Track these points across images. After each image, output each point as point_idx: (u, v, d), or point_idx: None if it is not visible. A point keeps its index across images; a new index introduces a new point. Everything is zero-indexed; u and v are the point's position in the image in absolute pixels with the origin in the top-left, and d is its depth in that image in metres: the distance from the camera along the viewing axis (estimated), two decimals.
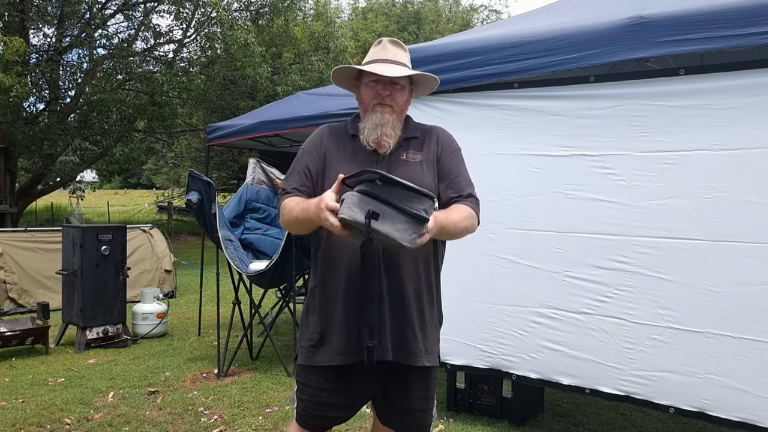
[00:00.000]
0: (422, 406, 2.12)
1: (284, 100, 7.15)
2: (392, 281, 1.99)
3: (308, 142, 2.17)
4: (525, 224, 3.40)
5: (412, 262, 2.02)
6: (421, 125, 2.21)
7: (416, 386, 2.09)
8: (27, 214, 16.79)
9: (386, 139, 2.03)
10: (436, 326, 2.14)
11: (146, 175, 43.99)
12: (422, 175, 2.05)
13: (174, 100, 13.49)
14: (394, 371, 2.04)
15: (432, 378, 2.14)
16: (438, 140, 2.16)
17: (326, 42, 15.18)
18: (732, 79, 2.82)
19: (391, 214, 1.70)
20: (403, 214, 1.70)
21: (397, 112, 2.08)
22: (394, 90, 2.06)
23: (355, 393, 2.10)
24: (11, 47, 9.99)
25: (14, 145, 12.90)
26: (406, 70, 2.07)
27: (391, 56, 2.08)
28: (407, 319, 2.01)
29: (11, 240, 7.62)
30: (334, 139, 2.13)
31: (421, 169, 2.07)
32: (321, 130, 2.19)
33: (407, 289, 2.01)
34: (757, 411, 2.77)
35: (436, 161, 2.11)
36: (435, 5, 24.91)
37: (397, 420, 2.14)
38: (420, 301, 2.04)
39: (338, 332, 2.01)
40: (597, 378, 3.19)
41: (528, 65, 3.30)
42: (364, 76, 2.08)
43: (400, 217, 1.71)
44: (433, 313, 2.10)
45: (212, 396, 4.34)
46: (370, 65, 2.07)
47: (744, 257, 2.78)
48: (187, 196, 4.80)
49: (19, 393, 4.47)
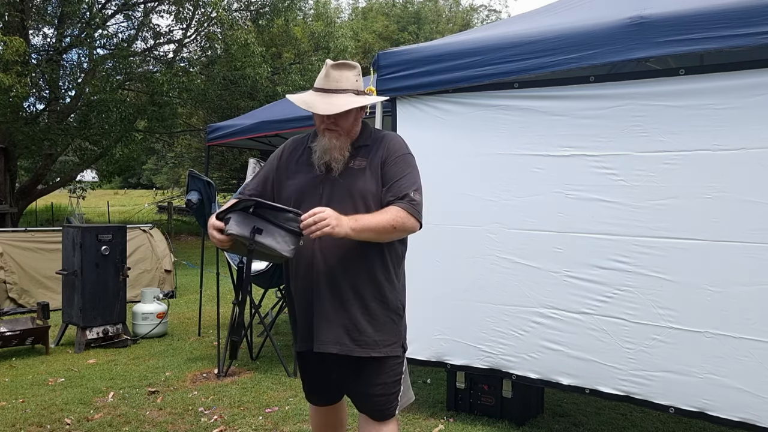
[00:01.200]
0: (380, 391, 2.30)
1: (284, 100, 7.15)
2: (332, 281, 2.19)
3: (275, 152, 2.44)
4: (525, 224, 3.40)
5: (352, 262, 2.20)
6: (377, 133, 2.36)
7: (371, 374, 2.28)
8: (27, 214, 16.79)
9: (334, 164, 2.23)
10: (391, 319, 2.28)
11: (146, 175, 43.97)
12: (364, 182, 2.22)
13: (174, 100, 13.49)
14: (345, 360, 2.26)
15: (389, 366, 2.30)
16: (386, 147, 2.28)
17: (326, 42, 15.19)
18: (732, 79, 2.82)
19: (272, 229, 2.01)
20: (282, 229, 2.01)
21: (344, 134, 2.24)
22: (338, 117, 2.21)
23: (317, 378, 2.43)
24: (11, 47, 9.99)
25: (14, 145, 12.90)
26: (341, 103, 2.19)
27: (333, 84, 2.22)
28: (349, 314, 2.20)
29: (11, 240, 7.62)
30: (292, 151, 2.37)
31: (363, 175, 2.23)
32: (286, 142, 2.45)
33: (346, 287, 2.20)
34: (757, 411, 2.77)
35: (380, 167, 2.24)
36: (435, 5, 24.91)
37: (360, 404, 2.36)
38: (362, 298, 2.21)
39: (296, 325, 2.35)
40: (597, 378, 3.19)
41: (528, 65, 3.30)
42: None
43: (279, 231, 2.01)
44: (385, 306, 2.25)
45: (212, 396, 4.34)
46: (307, 99, 2.23)
47: (744, 257, 2.78)
48: (187, 196, 4.80)
49: (19, 393, 4.47)
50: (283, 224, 2.02)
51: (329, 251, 2.18)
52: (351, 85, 2.24)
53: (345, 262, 2.20)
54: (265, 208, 2.03)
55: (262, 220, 2.02)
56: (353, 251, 2.17)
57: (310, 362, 2.39)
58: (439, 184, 3.67)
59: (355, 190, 2.20)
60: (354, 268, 2.21)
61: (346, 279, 2.20)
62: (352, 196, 2.20)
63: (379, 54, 3.90)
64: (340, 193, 2.20)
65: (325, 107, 2.18)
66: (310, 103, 2.22)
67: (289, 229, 2.02)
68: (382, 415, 2.34)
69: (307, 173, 2.28)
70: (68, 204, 21.17)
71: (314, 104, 2.20)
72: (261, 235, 2.00)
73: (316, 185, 2.24)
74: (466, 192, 3.59)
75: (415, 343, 3.75)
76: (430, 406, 4.06)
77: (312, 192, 2.23)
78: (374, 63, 3.90)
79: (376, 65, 3.87)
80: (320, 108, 2.18)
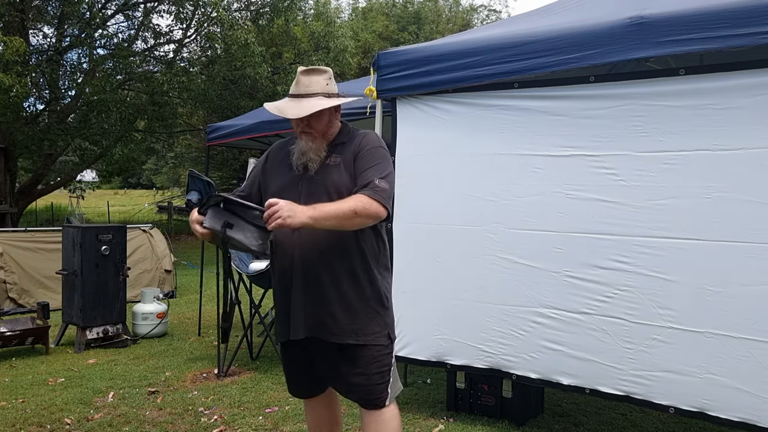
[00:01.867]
0: (362, 380, 2.36)
1: None
2: (310, 272, 2.30)
3: (262, 156, 2.58)
4: (525, 224, 3.39)
5: (329, 254, 2.30)
6: (354, 131, 2.45)
7: (351, 363, 2.35)
8: (27, 214, 16.79)
9: (311, 165, 2.35)
10: (371, 308, 2.36)
11: (146, 175, 43.95)
12: (339, 176, 2.33)
13: (174, 100, 13.49)
14: (327, 349, 2.36)
15: (371, 355, 2.36)
16: (358, 142, 2.38)
17: (326, 42, 15.18)
18: (732, 79, 2.82)
19: (242, 225, 2.15)
20: (251, 225, 2.15)
21: (319, 135, 2.36)
22: (311, 119, 2.33)
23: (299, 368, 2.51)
24: (11, 47, 9.98)
25: (14, 145, 12.90)
26: (309, 106, 2.30)
27: (303, 89, 2.35)
28: (326, 303, 2.30)
29: (11, 240, 7.62)
30: (277, 155, 2.50)
31: (338, 170, 2.33)
32: (272, 146, 2.58)
33: (323, 277, 2.30)
34: (757, 411, 2.77)
35: (352, 161, 2.35)
36: (435, 5, 24.87)
37: (347, 393, 2.44)
38: (339, 288, 2.31)
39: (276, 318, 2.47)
40: (597, 378, 3.19)
41: (528, 65, 3.30)
42: None
43: (249, 227, 2.15)
44: (362, 296, 2.34)
45: (212, 396, 4.34)
46: (280, 105, 2.37)
47: (744, 257, 2.78)
48: (187, 196, 4.79)
49: (19, 393, 4.47)
50: (252, 221, 2.16)
51: (307, 244, 2.29)
52: (321, 88, 2.35)
53: (322, 254, 2.30)
54: (234, 205, 2.16)
55: (234, 216, 2.17)
56: (330, 244, 2.29)
57: (293, 353, 2.48)
58: (439, 184, 3.67)
59: (330, 184, 2.31)
60: (330, 259, 2.31)
61: (324, 270, 2.30)
62: (327, 191, 2.30)
63: (379, 54, 3.90)
64: (317, 189, 2.31)
65: (295, 111, 2.30)
66: (282, 108, 2.35)
67: (258, 225, 2.15)
68: (370, 404, 2.40)
69: (288, 173, 2.40)
70: (68, 204, 21.17)
71: (285, 109, 2.34)
72: (231, 230, 2.15)
73: (295, 184, 2.36)
74: (466, 192, 3.59)
75: (415, 343, 3.75)
76: (430, 406, 4.06)
77: (292, 190, 2.33)
78: (374, 63, 3.90)
79: (376, 65, 3.87)
80: (290, 112, 2.32)
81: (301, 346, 2.41)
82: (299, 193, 2.32)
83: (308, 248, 2.30)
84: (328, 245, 2.30)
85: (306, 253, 2.30)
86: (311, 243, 2.30)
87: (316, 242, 2.29)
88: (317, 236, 2.28)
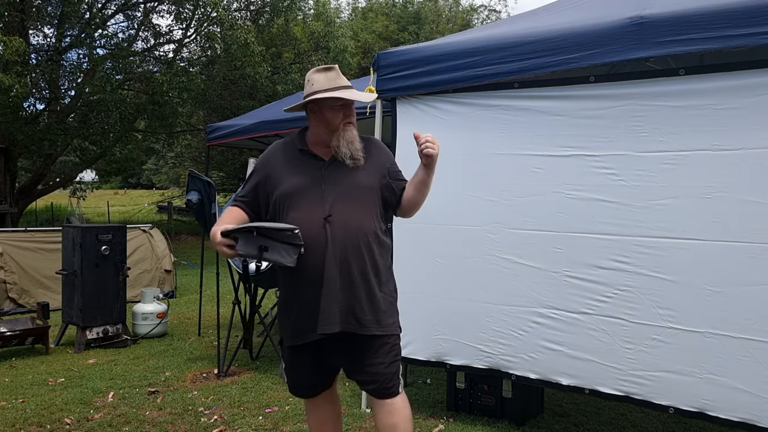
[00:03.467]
0: (382, 369, 2.45)
1: (284, 100, 7.15)
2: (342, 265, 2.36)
3: (260, 158, 2.60)
4: (525, 224, 3.40)
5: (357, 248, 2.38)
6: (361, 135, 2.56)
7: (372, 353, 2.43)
8: (27, 214, 16.79)
9: (357, 153, 2.45)
10: (389, 300, 2.49)
11: (146, 175, 43.99)
12: (365, 176, 2.46)
13: (174, 99, 13.49)
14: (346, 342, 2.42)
15: (389, 344, 2.47)
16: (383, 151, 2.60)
17: (326, 42, 15.18)
18: (732, 79, 2.82)
19: (275, 245, 2.28)
20: (284, 244, 2.28)
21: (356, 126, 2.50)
22: (351, 111, 2.48)
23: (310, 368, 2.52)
24: (11, 47, 9.98)
25: (14, 145, 12.90)
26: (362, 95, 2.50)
27: (337, 82, 2.45)
28: (355, 296, 2.38)
29: (11, 240, 7.62)
30: (282, 156, 2.53)
31: (364, 170, 2.46)
32: (271, 148, 2.60)
33: (353, 271, 2.37)
34: (757, 411, 2.77)
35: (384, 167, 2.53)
36: (435, 5, 24.86)
37: (365, 384, 2.49)
38: (366, 280, 2.40)
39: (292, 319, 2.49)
40: (597, 378, 3.19)
41: (528, 65, 3.30)
42: (327, 101, 2.43)
43: (281, 246, 2.28)
44: (384, 288, 2.46)
45: (212, 396, 4.34)
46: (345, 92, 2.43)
47: (744, 257, 2.78)
48: (187, 196, 4.80)
49: (19, 393, 4.47)
50: (284, 240, 2.27)
51: (339, 240, 2.36)
52: (347, 82, 2.48)
53: (353, 249, 2.37)
54: (267, 230, 2.27)
55: (266, 239, 2.27)
56: (359, 239, 2.38)
57: (306, 352, 2.48)
58: (439, 184, 3.65)
59: (357, 182, 2.43)
60: (360, 254, 2.39)
61: (354, 264, 2.37)
62: (352, 188, 2.42)
63: (379, 54, 3.90)
64: (341, 186, 2.41)
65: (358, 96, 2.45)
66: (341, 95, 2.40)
67: (290, 243, 2.28)
68: (386, 393, 2.46)
69: (305, 171, 2.45)
70: (68, 204, 21.17)
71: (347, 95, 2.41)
72: (267, 252, 2.27)
73: (317, 180, 2.42)
74: (466, 192, 3.59)
75: (415, 343, 3.75)
76: (430, 406, 4.06)
77: (313, 187, 2.41)
78: (374, 63, 3.90)
79: (376, 65, 3.87)
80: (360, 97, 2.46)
81: (315, 344, 2.43)
82: (321, 191, 2.40)
83: (340, 244, 2.35)
84: (357, 240, 2.38)
85: (338, 249, 2.35)
86: (342, 239, 2.36)
87: (346, 237, 2.36)
88: (348, 232, 2.37)
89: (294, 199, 2.40)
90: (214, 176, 19.20)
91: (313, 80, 2.45)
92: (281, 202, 2.43)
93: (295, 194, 2.41)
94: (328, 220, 2.35)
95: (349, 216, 2.38)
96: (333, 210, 2.36)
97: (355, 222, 2.39)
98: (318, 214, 2.36)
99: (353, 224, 2.38)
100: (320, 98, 2.42)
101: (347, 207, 2.38)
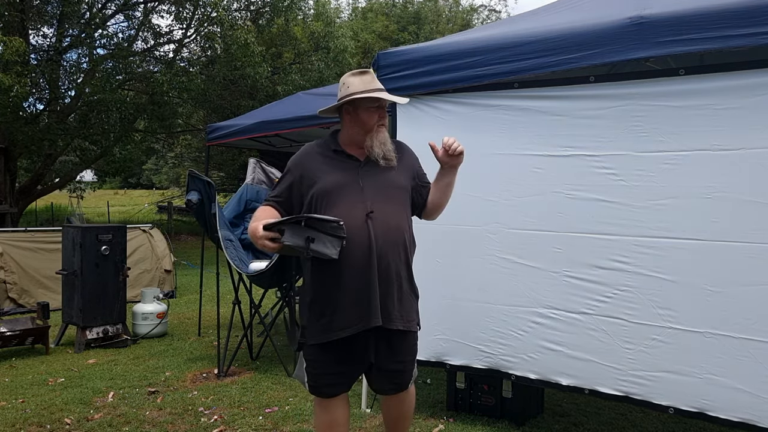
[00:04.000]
0: (408, 367, 2.63)
1: (284, 100, 7.15)
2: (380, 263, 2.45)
3: (293, 159, 2.66)
4: (525, 224, 3.40)
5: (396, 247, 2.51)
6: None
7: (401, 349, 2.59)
8: (27, 214, 16.79)
9: (390, 153, 2.56)
10: (415, 297, 2.65)
11: (146, 175, 44.01)
12: (397, 176, 2.58)
13: (174, 99, 13.49)
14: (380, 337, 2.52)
15: (413, 340, 2.66)
16: (411, 154, 2.72)
17: (326, 42, 15.17)
18: (732, 79, 2.82)
19: (321, 236, 2.34)
20: (329, 236, 2.34)
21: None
22: (384, 113, 2.59)
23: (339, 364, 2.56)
24: (11, 47, 9.98)
25: (14, 145, 12.89)
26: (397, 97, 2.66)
27: (374, 85, 2.56)
28: (390, 291, 2.49)
29: (11, 240, 7.62)
30: (314, 156, 2.61)
31: (396, 171, 2.58)
32: (304, 149, 2.68)
33: (391, 269, 2.48)
34: (757, 411, 2.77)
35: (413, 170, 2.68)
36: (435, 5, 24.85)
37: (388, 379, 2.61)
38: (400, 278, 2.53)
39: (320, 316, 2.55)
40: (596, 378, 3.19)
41: (528, 65, 3.30)
42: (363, 102, 2.53)
43: (327, 237, 2.34)
44: (412, 287, 2.62)
45: (212, 396, 4.34)
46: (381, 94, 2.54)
47: (744, 257, 2.78)
48: (187, 196, 4.80)
49: (19, 393, 4.47)
50: (329, 231, 2.34)
51: (380, 237, 2.46)
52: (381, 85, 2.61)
53: (391, 245, 2.49)
54: (314, 221, 2.34)
55: (313, 230, 2.33)
56: (396, 236, 2.51)
57: (335, 349, 2.51)
58: None
59: (391, 182, 2.56)
60: (398, 251, 2.52)
61: (392, 261, 2.49)
62: (388, 188, 2.55)
63: (379, 54, 3.90)
64: (378, 185, 2.53)
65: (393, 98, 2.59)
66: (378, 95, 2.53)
67: (335, 234, 2.34)
68: (403, 386, 2.65)
69: (342, 170, 2.55)
70: (68, 204, 21.17)
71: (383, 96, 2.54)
72: (314, 244, 2.34)
73: (354, 178, 2.53)
74: (466, 192, 3.58)
75: None
76: (430, 406, 4.06)
77: (352, 185, 2.51)
78: (374, 63, 3.90)
79: (376, 65, 3.87)
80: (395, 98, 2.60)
81: (346, 341, 2.49)
82: (360, 188, 2.50)
83: (381, 241, 2.46)
84: (395, 238, 2.50)
85: (380, 245, 2.45)
86: (383, 236, 2.46)
87: (387, 235, 2.48)
88: (388, 229, 2.48)
89: (333, 195, 2.49)
90: (214, 176, 19.21)
91: (349, 83, 2.55)
92: (320, 199, 2.50)
93: (335, 191, 2.50)
94: (370, 217, 2.45)
95: (388, 214, 2.49)
96: (373, 207, 2.47)
97: (394, 220, 2.51)
98: (360, 210, 2.46)
99: (392, 222, 2.50)
100: (357, 98, 2.51)
101: (385, 205, 2.50)
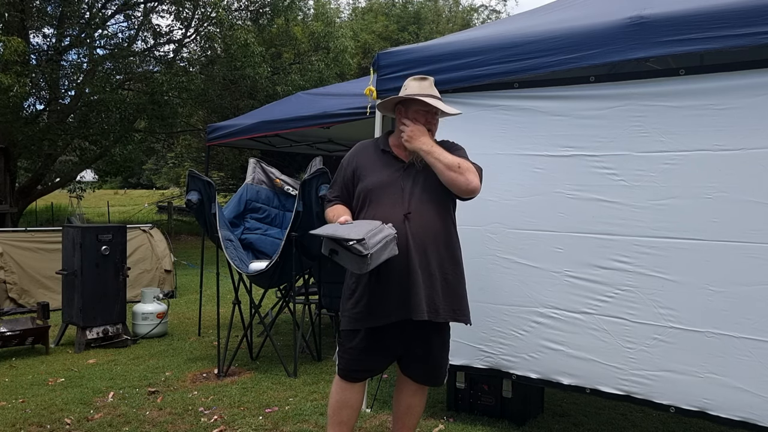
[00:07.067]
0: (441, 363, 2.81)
1: (284, 100, 7.15)
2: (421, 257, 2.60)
3: (347, 156, 2.86)
4: (526, 224, 3.39)
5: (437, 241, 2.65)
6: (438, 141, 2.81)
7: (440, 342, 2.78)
8: (27, 214, 16.79)
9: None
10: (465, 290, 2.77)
11: (146, 175, 44.02)
12: (436, 178, 2.68)
13: (174, 99, 13.49)
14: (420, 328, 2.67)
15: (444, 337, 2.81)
16: (450, 146, 2.80)
17: (326, 42, 15.17)
18: (732, 79, 2.82)
19: (343, 252, 2.49)
20: (350, 252, 2.45)
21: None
22: (435, 120, 2.79)
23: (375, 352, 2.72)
24: (11, 47, 9.98)
25: (14, 145, 12.90)
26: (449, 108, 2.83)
27: (431, 91, 2.74)
28: (434, 286, 2.62)
29: (11, 240, 7.62)
30: (365, 154, 2.80)
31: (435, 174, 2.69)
32: (357, 146, 2.88)
33: (432, 263, 2.62)
34: (758, 410, 2.77)
35: None
36: (435, 5, 24.85)
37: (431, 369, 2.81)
38: (443, 272, 2.66)
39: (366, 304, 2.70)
40: (597, 378, 3.19)
41: (528, 65, 3.30)
42: (413, 104, 2.72)
43: (348, 254, 2.47)
44: (461, 279, 2.73)
45: (212, 396, 4.34)
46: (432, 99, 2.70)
47: (745, 257, 2.78)
48: (187, 196, 4.80)
49: (19, 393, 4.47)
50: (350, 248, 2.45)
51: (417, 233, 2.60)
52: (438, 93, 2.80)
53: (429, 243, 2.62)
54: (331, 239, 2.50)
55: (336, 244, 2.50)
56: (432, 235, 2.64)
57: (371, 337, 2.68)
58: None
59: (432, 183, 2.68)
60: (436, 248, 2.64)
61: (432, 257, 2.62)
62: (428, 189, 2.67)
63: (379, 54, 3.90)
64: (419, 185, 2.67)
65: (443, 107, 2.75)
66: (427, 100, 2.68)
67: (354, 252, 2.45)
68: (442, 381, 2.87)
69: (387, 170, 2.72)
70: (68, 204, 21.18)
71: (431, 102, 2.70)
72: (337, 256, 2.52)
73: (397, 179, 2.69)
74: None
75: None
76: (430, 406, 4.06)
77: (394, 185, 2.68)
78: (374, 63, 3.90)
79: (376, 65, 3.87)
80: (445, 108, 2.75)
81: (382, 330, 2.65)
82: (401, 187, 2.66)
83: (419, 239, 2.60)
84: (432, 236, 2.64)
85: (418, 243, 2.60)
86: (420, 234, 2.61)
87: (424, 233, 2.61)
88: (425, 229, 2.62)
89: (375, 195, 2.66)
90: (214, 176, 19.20)
91: (408, 86, 2.74)
92: (363, 197, 2.69)
93: (377, 190, 2.66)
94: (408, 217, 2.60)
95: (425, 214, 2.63)
96: (411, 208, 2.62)
97: (430, 220, 2.64)
98: (399, 210, 2.61)
99: (429, 222, 2.63)
100: (407, 99, 2.69)
101: (424, 206, 2.64)
